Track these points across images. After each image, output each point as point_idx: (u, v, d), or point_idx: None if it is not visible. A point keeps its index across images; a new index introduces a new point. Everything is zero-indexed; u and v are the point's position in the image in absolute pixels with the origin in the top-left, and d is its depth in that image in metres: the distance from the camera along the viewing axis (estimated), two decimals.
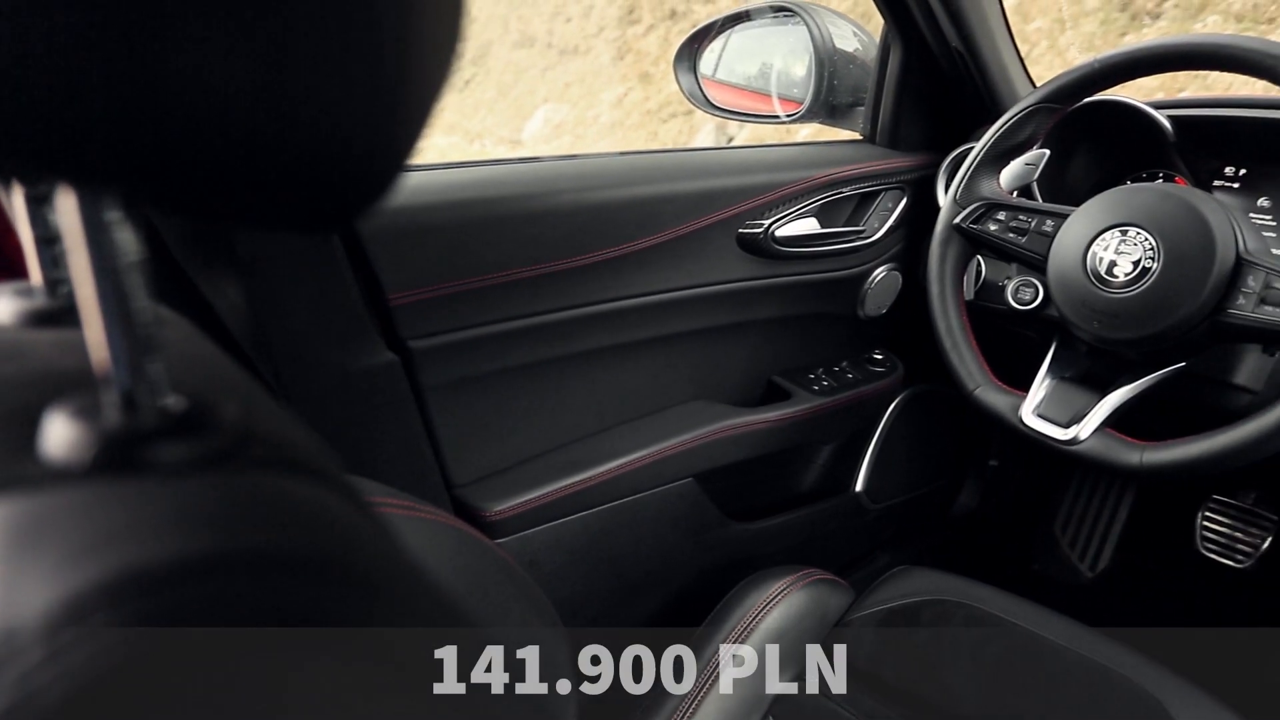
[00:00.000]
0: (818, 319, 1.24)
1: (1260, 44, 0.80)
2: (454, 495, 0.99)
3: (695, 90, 1.40)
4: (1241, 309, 0.79)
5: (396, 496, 0.68)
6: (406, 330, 0.89)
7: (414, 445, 0.93)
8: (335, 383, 0.86)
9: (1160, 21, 5.61)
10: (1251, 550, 1.48)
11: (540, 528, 1.01)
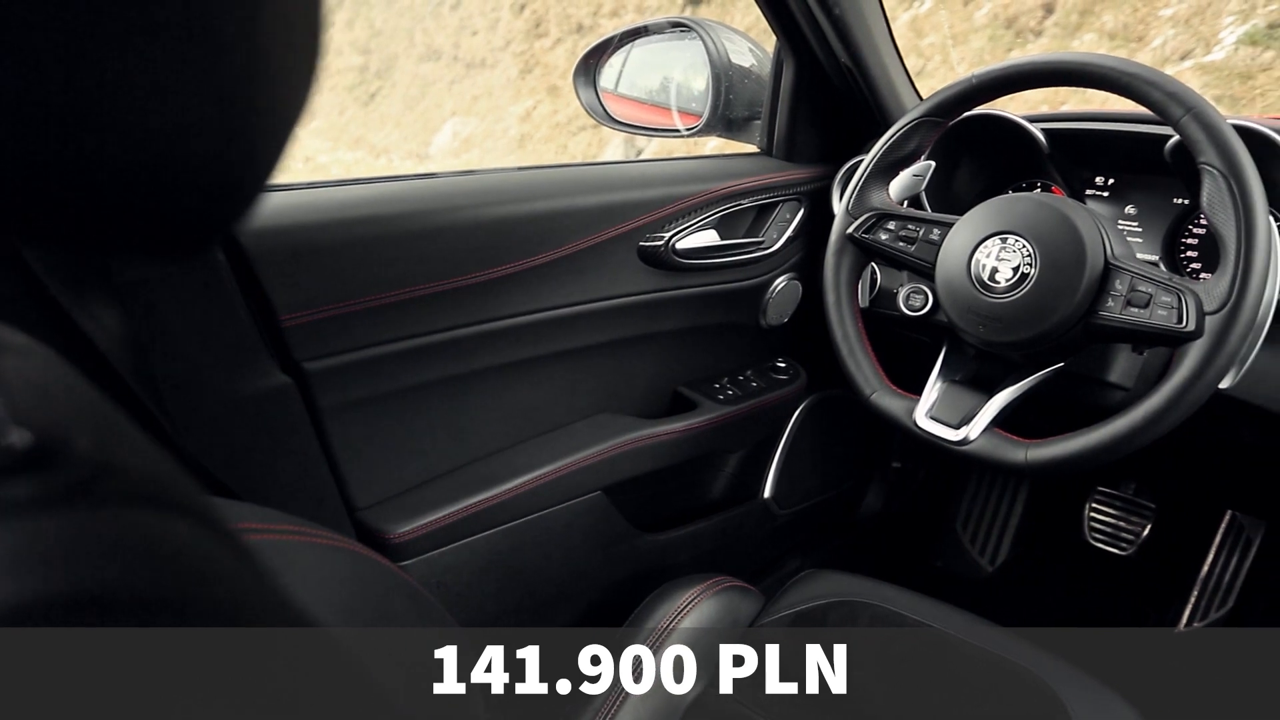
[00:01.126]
0: (721, 329, 1.26)
1: (1118, 62, 0.85)
2: (356, 518, 0.96)
3: (595, 105, 1.40)
4: (1111, 311, 0.83)
5: (291, 522, 0.66)
6: (301, 352, 0.87)
7: (312, 469, 0.91)
8: (226, 408, 0.83)
9: (1042, 38, 5.91)
10: (1134, 538, 1.56)
11: (446, 548, 1.00)
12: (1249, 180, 0.77)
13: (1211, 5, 5.02)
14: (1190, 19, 5.10)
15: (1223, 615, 1.42)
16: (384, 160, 9.95)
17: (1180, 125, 0.81)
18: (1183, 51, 5.11)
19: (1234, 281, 0.76)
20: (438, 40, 10.79)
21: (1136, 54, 5.28)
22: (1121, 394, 0.97)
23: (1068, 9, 5.84)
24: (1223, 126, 0.79)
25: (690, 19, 1.31)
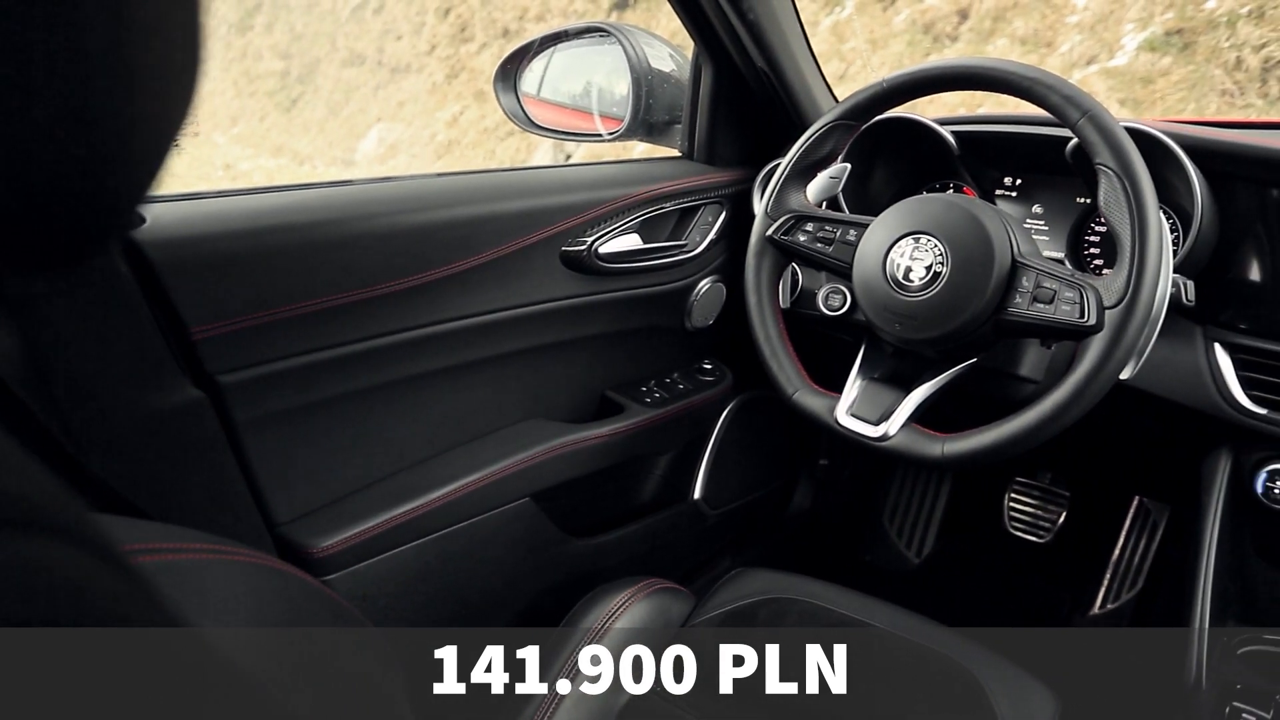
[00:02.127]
0: (647, 332, 1.27)
1: (1019, 67, 0.88)
2: (277, 534, 0.94)
3: (516, 109, 1.40)
4: (1018, 307, 0.86)
5: (205, 541, 0.64)
6: (214, 364, 0.84)
7: (228, 485, 0.88)
8: (134, 425, 0.80)
9: (958, 43, 6.09)
10: (1050, 526, 1.62)
11: (372, 560, 0.98)
12: (1141, 180, 0.81)
13: (1113, 13, 5.24)
14: (1095, 25, 5.31)
15: (1133, 596, 1.48)
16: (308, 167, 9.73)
17: (1077, 128, 0.84)
18: (1089, 56, 5.31)
19: (1130, 277, 0.80)
20: (361, 45, 10.61)
21: (1046, 59, 5.48)
22: (1032, 387, 1.00)
23: (981, 15, 6.03)
24: (1116, 129, 0.83)
25: (609, 24, 1.31)
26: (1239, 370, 0.99)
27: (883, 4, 6.63)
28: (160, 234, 0.80)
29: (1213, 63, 4.65)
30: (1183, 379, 1.01)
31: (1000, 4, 5.96)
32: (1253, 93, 4.45)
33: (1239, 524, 1.05)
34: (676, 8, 1.15)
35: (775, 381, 0.99)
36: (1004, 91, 0.89)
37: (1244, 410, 0.98)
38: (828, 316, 1.08)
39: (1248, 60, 4.52)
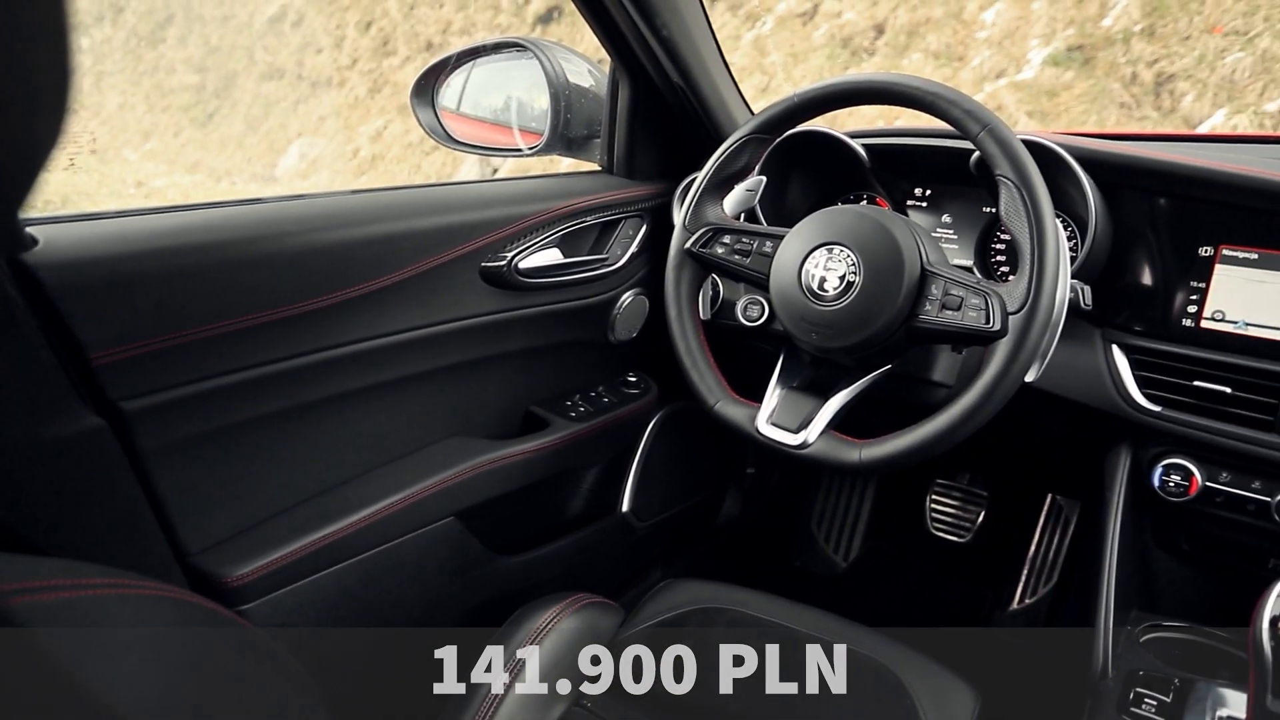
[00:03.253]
0: (570, 346, 1.27)
1: (923, 83, 0.91)
2: (188, 564, 0.91)
3: (435, 125, 1.38)
4: (928, 314, 0.89)
5: (106, 575, 0.62)
6: (116, 391, 0.81)
7: (133, 515, 0.85)
8: (30, 456, 0.77)
9: (875, 57, 6.25)
10: (970, 525, 1.66)
11: (291, 587, 0.95)
12: (1038, 190, 0.84)
13: (1019, 29, 5.45)
14: (1002, 41, 5.52)
15: (1049, 590, 1.54)
16: (226, 184, 9.47)
17: (978, 141, 0.87)
18: (998, 70, 5.52)
19: (1030, 283, 0.83)
20: (280, 58, 10.38)
21: (959, 73, 5.67)
22: (945, 391, 1.03)
23: (896, 30, 6.21)
24: (1014, 142, 0.86)
25: (526, 39, 1.31)
26: (1135, 370, 1.04)
27: (803, 19, 6.77)
28: (55, 256, 0.77)
29: (1111, 77, 4.88)
30: (1084, 379, 1.06)
31: (914, 19, 6.15)
32: (1148, 105, 4.68)
33: (1140, 517, 1.10)
34: (592, 24, 1.15)
35: (697, 392, 1.00)
36: (909, 106, 0.92)
37: (1140, 408, 1.02)
38: (747, 327, 1.10)
39: (1142, 75, 4.75)
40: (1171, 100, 4.74)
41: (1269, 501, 0.97)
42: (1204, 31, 4.67)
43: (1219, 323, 1.01)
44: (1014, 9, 5.67)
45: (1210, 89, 4.57)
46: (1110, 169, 1.04)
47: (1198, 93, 4.61)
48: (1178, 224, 1.03)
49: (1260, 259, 0.98)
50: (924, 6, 6.12)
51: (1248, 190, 0.96)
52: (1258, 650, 0.73)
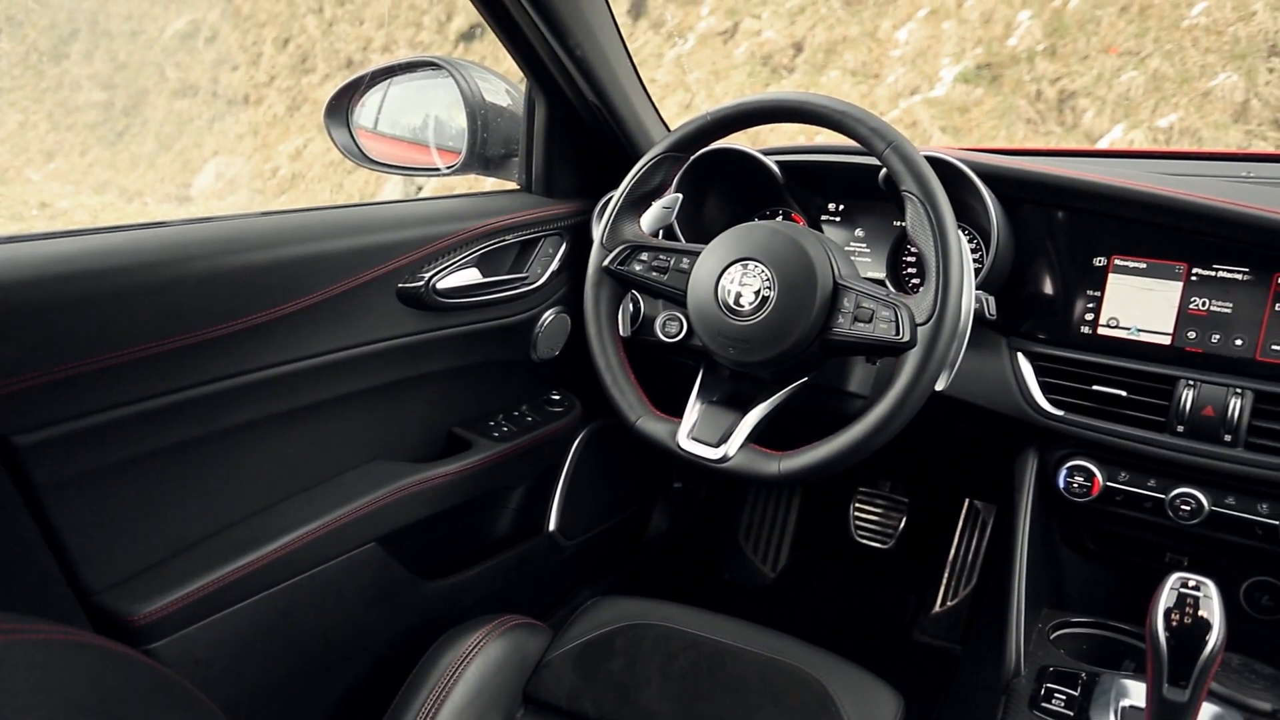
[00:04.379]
0: (492, 366, 1.26)
1: (831, 101, 0.93)
2: (91, 603, 0.87)
3: (350, 145, 1.37)
4: (841, 327, 0.91)
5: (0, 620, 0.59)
6: (8, 424, 0.78)
7: (28, 554, 0.81)
8: None
9: (795, 74, 6.38)
10: (893, 531, 1.70)
11: (203, 623, 0.92)
12: (941, 205, 0.87)
13: (931, 48, 5.64)
14: (915, 59, 5.70)
15: (969, 592, 1.58)
16: (137, 205, 9.15)
17: (884, 157, 0.90)
18: (912, 87, 5.69)
19: (936, 295, 0.85)
20: (193, 75, 10.09)
21: (875, 90, 5.83)
22: (861, 401, 1.06)
23: (814, 49, 6.36)
24: (917, 158, 0.89)
25: (442, 58, 1.31)
26: (1039, 376, 1.08)
27: (723, 37, 6.88)
28: None
29: (1018, 94, 5.08)
30: (992, 386, 1.09)
31: (831, 38, 6.30)
32: (1052, 121, 4.88)
33: (1048, 518, 1.14)
34: (506, 44, 1.15)
35: (618, 409, 1.01)
36: (818, 124, 0.94)
37: (1045, 413, 1.06)
38: (666, 343, 1.11)
39: (1046, 92, 4.96)
40: (1073, 116, 4.95)
41: (1163, 499, 1.02)
42: (1100, 52, 4.91)
43: (1114, 329, 1.06)
44: (925, 28, 5.87)
45: (1108, 106, 4.79)
46: (1011, 184, 1.08)
47: (1097, 109, 4.83)
48: (1074, 236, 1.07)
49: (1149, 268, 1.03)
50: (840, 26, 6.28)
51: (1136, 204, 1.01)
52: (1154, 641, 0.76)
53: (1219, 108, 4.35)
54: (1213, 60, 4.52)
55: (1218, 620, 0.76)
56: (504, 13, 1.10)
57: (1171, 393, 1.00)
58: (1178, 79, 4.62)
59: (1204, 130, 4.39)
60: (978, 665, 1.24)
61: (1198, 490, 1.00)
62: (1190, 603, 0.77)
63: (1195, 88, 4.52)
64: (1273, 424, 0.95)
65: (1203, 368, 1.00)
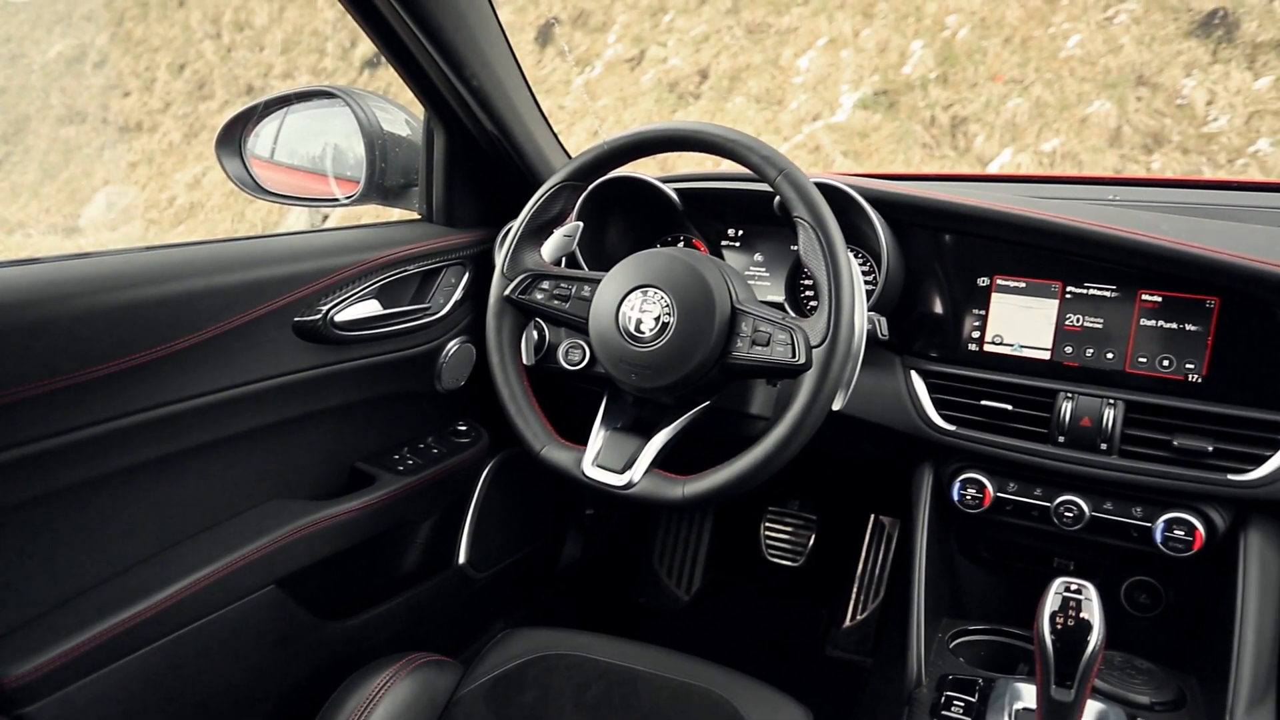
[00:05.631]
0: (396, 398, 1.24)
1: (724, 130, 0.95)
2: None
3: (243, 175, 1.33)
4: (740, 351, 0.92)
5: None
6: None
7: None
8: None
9: (701, 100, 6.50)
10: (803, 549, 1.73)
11: (85, 681, 0.87)
12: (832, 230, 0.90)
13: (831, 75, 5.82)
14: (817, 86, 5.87)
15: (878, 605, 1.62)
16: (19, 236, 8.69)
17: (775, 185, 0.92)
18: (814, 114, 5.86)
19: (829, 318, 0.88)
20: (81, 101, 9.67)
21: (779, 115, 5.98)
22: (763, 423, 1.08)
23: (719, 75, 6.49)
24: (808, 185, 0.91)
25: (338, 88, 1.29)
26: (932, 393, 1.12)
27: (630, 64, 6.97)
28: None
29: (913, 120, 5.29)
30: (888, 404, 1.13)
31: (735, 65, 6.45)
32: (946, 145, 5.09)
33: (945, 529, 1.18)
34: (402, 74, 1.15)
35: (522, 438, 1.00)
36: (712, 153, 0.96)
37: (938, 428, 1.10)
38: (569, 371, 1.11)
39: (940, 118, 5.17)
40: (966, 140, 5.18)
41: (1049, 506, 1.06)
42: (988, 80, 5.16)
43: (999, 346, 1.10)
44: (825, 57, 6.06)
45: (997, 130, 5.03)
46: (900, 208, 1.13)
47: (987, 134, 5.07)
48: (960, 258, 1.12)
49: (1028, 287, 1.09)
50: (744, 54, 6.43)
51: (1013, 227, 1.06)
52: (1041, 645, 0.80)
53: (1095, 133, 4.62)
54: (1088, 89, 4.80)
55: (1098, 621, 0.79)
56: (399, 44, 1.09)
57: (1052, 405, 1.05)
58: (1058, 106, 4.89)
59: (1083, 154, 4.65)
60: (886, 677, 1.27)
61: (1079, 497, 1.05)
62: (1073, 606, 0.81)
63: (1074, 114, 4.78)
64: (1142, 432, 1.01)
65: (1079, 380, 1.06)
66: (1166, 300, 1.02)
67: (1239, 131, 4.29)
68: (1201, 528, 0.99)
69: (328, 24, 8.62)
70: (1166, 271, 1.00)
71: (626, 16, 7.12)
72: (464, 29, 1.09)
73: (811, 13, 6.34)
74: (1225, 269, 0.96)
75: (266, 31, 9.12)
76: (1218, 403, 0.99)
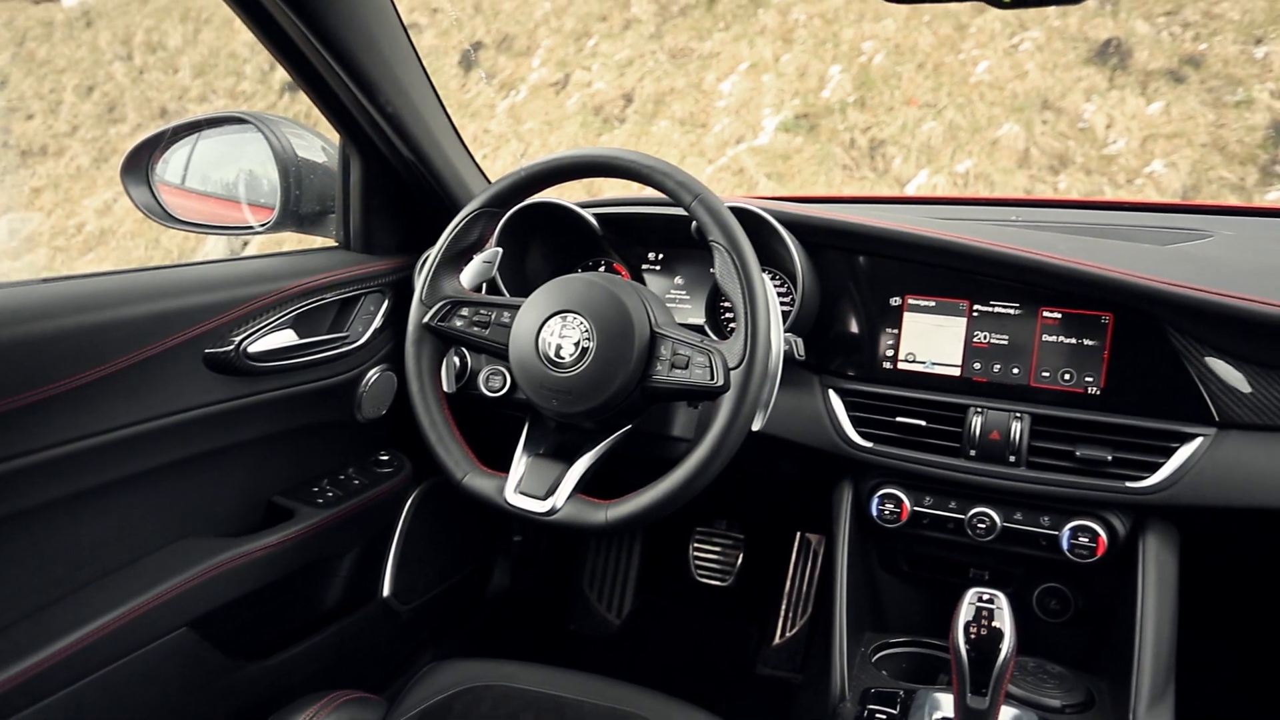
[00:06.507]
0: (314, 429, 1.21)
1: (639, 156, 0.97)
2: None
3: (151, 203, 1.30)
4: (660, 374, 0.93)
5: None
6: None
7: None
8: None
9: (626, 124, 6.55)
10: (731, 568, 1.75)
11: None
12: (746, 254, 0.91)
13: (753, 99, 5.94)
14: (739, 110, 5.98)
15: (806, 621, 1.64)
16: None
17: (690, 210, 0.94)
18: (738, 136, 5.97)
19: (746, 340, 0.89)
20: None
21: (703, 139, 6.07)
22: (686, 445, 1.09)
23: (644, 99, 6.56)
24: (722, 210, 0.93)
25: (249, 114, 1.27)
26: (849, 411, 1.15)
27: (555, 88, 6.99)
28: None
29: (834, 142, 5.42)
30: (807, 423, 1.15)
31: (660, 89, 6.53)
32: (866, 167, 5.24)
33: (865, 544, 1.20)
34: (316, 101, 1.13)
35: (443, 466, 0.99)
36: (628, 179, 0.97)
37: (856, 445, 1.13)
38: (490, 398, 1.10)
39: (859, 140, 5.32)
40: (884, 162, 5.33)
41: (963, 518, 1.10)
42: (903, 104, 5.33)
43: (911, 363, 1.14)
44: (747, 81, 6.18)
45: (913, 153, 5.19)
46: (814, 231, 1.16)
47: (904, 156, 5.23)
48: (873, 278, 1.15)
49: (937, 306, 1.13)
50: (668, 78, 6.52)
51: (921, 248, 1.10)
52: (956, 654, 0.82)
53: (1005, 154, 4.80)
54: (997, 113, 4.99)
55: (1009, 629, 0.82)
56: (311, 71, 1.08)
57: (964, 420, 1.09)
58: (970, 129, 5.07)
59: (995, 174, 4.83)
60: (813, 692, 1.29)
61: (990, 508, 1.08)
62: (985, 615, 0.83)
63: (985, 137, 4.97)
64: (1047, 444, 1.05)
65: (989, 395, 1.10)
66: (1065, 317, 1.06)
67: (1135, 153, 4.52)
68: (1104, 534, 1.03)
69: (246, 46, 8.44)
70: (1064, 289, 1.05)
71: (551, 41, 7.15)
72: (377, 55, 1.08)
73: (733, 38, 6.47)
74: (1117, 286, 1.01)
75: (181, 53, 8.90)
76: (1115, 413, 1.04)
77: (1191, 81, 4.69)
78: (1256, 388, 0.99)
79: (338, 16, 1.02)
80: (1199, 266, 1.05)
